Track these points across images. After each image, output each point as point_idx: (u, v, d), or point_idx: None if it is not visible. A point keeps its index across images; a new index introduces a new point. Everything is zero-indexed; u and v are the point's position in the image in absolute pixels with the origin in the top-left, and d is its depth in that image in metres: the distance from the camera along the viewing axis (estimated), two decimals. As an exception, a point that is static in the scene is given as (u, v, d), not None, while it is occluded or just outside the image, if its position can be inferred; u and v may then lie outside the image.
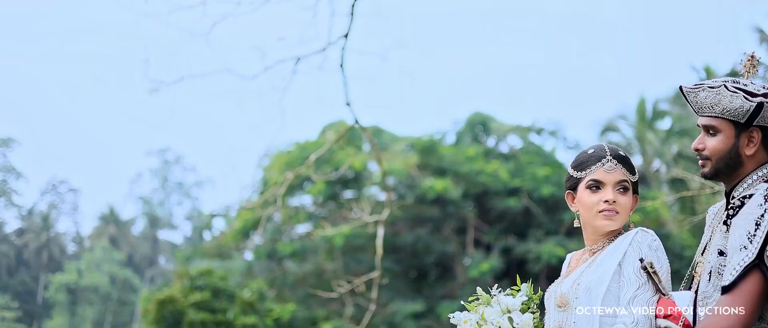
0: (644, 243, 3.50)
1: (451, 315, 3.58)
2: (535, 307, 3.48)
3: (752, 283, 3.06)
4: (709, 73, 35.58)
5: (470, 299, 3.59)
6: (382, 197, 25.50)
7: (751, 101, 3.21)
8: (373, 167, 24.97)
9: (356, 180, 24.39)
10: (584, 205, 3.56)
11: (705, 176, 3.39)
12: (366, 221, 11.49)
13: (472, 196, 24.61)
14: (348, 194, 25.59)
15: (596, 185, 3.57)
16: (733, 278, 3.08)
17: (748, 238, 3.09)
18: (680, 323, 3.27)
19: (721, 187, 5.63)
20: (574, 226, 3.66)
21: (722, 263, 3.19)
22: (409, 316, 22.60)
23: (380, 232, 9.96)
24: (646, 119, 35.81)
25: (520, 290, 3.56)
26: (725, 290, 3.10)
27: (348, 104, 8.18)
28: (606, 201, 3.51)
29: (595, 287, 3.45)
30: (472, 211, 24.65)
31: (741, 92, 3.24)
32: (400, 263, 23.58)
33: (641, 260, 3.37)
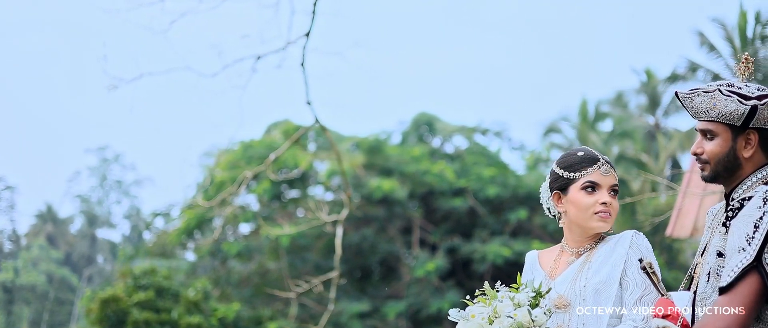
0: (643, 246, 3.58)
1: (452, 311, 3.55)
2: (542, 303, 3.48)
3: (750, 284, 3.10)
4: (650, 76, 36.07)
5: (476, 293, 3.56)
6: (328, 196, 25.45)
7: (745, 104, 3.25)
8: (319, 167, 24.90)
9: (301, 180, 24.28)
10: (579, 206, 3.61)
11: (705, 179, 3.43)
12: (325, 221, 11.46)
13: (417, 196, 24.64)
14: (292, 193, 25.48)
15: (592, 187, 3.61)
16: (731, 279, 3.11)
17: (747, 240, 3.12)
18: (678, 323, 3.30)
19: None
20: (560, 226, 3.71)
21: (721, 264, 3.24)
22: (355, 316, 22.57)
23: (339, 231, 9.94)
24: (588, 121, 36.20)
25: (524, 286, 3.54)
26: (723, 290, 3.13)
27: (309, 103, 8.14)
28: (603, 203, 3.57)
29: (604, 289, 3.52)
30: (417, 211, 24.67)
31: (735, 96, 3.27)
32: (346, 263, 23.54)
33: (640, 261, 3.41)
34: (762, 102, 3.24)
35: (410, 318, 23.32)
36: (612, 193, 3.66)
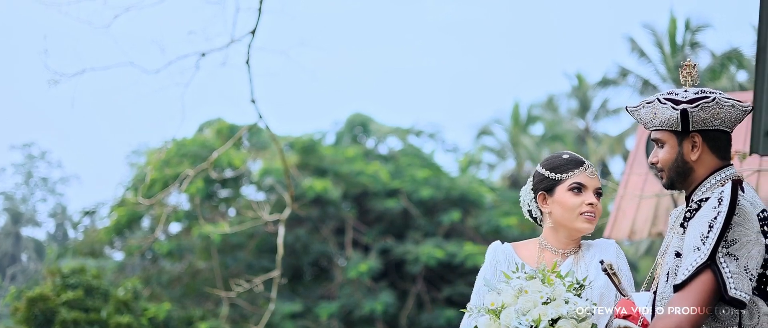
0: (621, 252, 3.75)
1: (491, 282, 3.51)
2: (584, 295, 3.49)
3: (703, 282, 3.15)
4: (581, 81, 36.49)
5: (516, 273, 3.50)
6: (260, 196, 25.29)
7: (676, 110, 3.32)
8: (252, 166, 24.73)
9: (234, 179, 24.11)
10: (565, 206, 3.68)
11: (665, 187, 3.58)
12: (266, 220, 11.39)
13: (351, 197, 24.60)
14: (224, 192, 25.28)
15: (579, 188, 3.68)
16: (685, 277, 3.17)
17: (701, 239, 3.19)
18: (639, 323, 3.34)
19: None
20: (548, 226, 3.73)
21: (678, 264, 3.30)
22: (287, 316, 22.45)
23: (281, 231, 9.88)
24: (520, 124, 36.54)
25: (562, 277, 3.50)
26: (677, 288, 3.20)
27: (253, 101, 8.06)
28: (590, 204, 3.62)
29: (607, 293, 3.61)
30: (351, 212, 24.63)
31: (669, 103, 3.37)
32: (277, 263, 23.42)
33: (602, 262, 3.45)
34: (694, 105, 3.31)
35: (343, 319, 23.28)
36: (596, 195, 3.74)
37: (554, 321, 3.33)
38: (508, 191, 29.07)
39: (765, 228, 3.25)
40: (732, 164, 3.46)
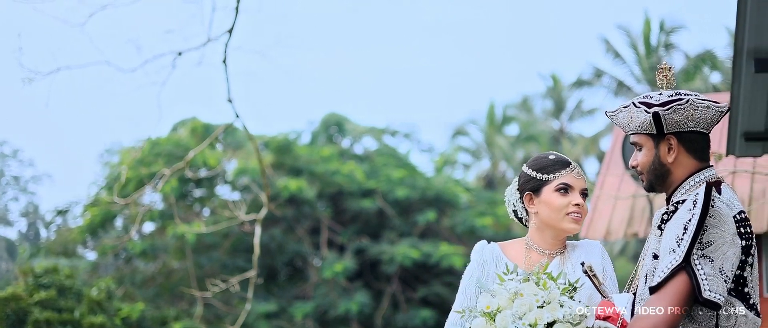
0: (607, 256, 3.77)
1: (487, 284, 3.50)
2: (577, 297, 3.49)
3: (677, 284, 3.16)
4: (556, 81, 36.64)
5: (509, 274, 3.49)
6: (235, 196, 25.19)
7: (649, 113, 3.34)
8: (227, 166, 24.63)
9: (209, 179, 24.01)
10: (552, 206, 3.69)
11: (646, 190, 3.59)
12: (243, 220, 11.35)
13: (326, 196, 24.56)
14: (198, 192, 25.17)
15: (565, 189, 3.70)
16: (660, 279, 3.19)
17: (677, 241, 3.20)
18: (618, 324, 3.35)
19: None
20: (534, 226, 3.74)
21: (656, 266, 3.29)
22: (262, 316, 22.38)
23: (258, 230, 9.84)
24: (495, 124, 36.62)
25: (555, 279, 3.49)
26: (652, 290, 3.22)
27: (230, 101, 8.01)
28: (576, 205, 3.64)
29: (595, 294, 3.57)
30: (326, 211, 24.58)
31: (643, 106, 3.39)
32: (253, 263, 23.36)
33: (582, 264, 3.45)
34: (666, 108, 3.33)
35: (318, 319, 23.24)
36: (583, 196, 3.76)
37: (550, 325, 3.33)
38: (484, 191, 29.12)
39: (741, 230, 3.26)
40: (712, 166, 3.47)
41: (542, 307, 3.35)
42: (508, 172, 36.97)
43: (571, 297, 3.42)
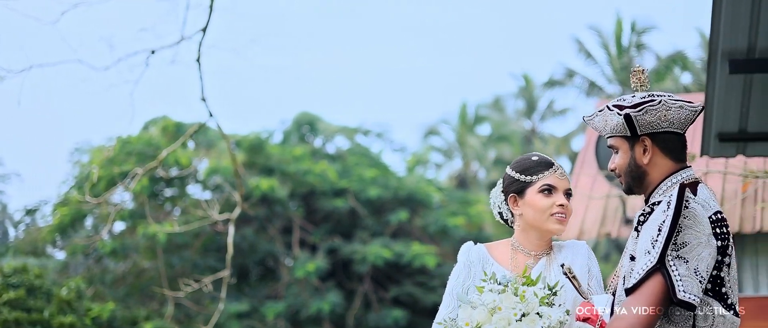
0: (593, 256, 3.79)
1: (464, 296, 3.48)
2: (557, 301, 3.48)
3: (652, 285, 3.18)
4: (528, 81, 36.76)
5: (489, 282, 3.48)
6: (206, 195, 25.06)
7: (621, 115, 3.37)
8: (198, 165, 24.51)
9: (180, 178, 23.88)
10: (536, 208, 3.71)
11: (625, 192, 3.61)
12: (216, 219, 11.31)
13: (298, 196, 24.50)
14: (169, 191, 25.05)
15: (549, 190, 3.71)
16: (635, 281, 3.21)
17: (652, 243, 3.21)
18: (597, 325, 3.36)
19: None
20: (519, 228, 3.74)
21: (633, 267, 3.31)
22: (234, 316, 22.29)
23: (231, 230, 9.80)
24: (467, 124, 36.71)
25: (535, 282, 3.48)
26: (628, 292, 3.24)
27: (203, 99, 7.96)
28: (560, 205, 3.65)
29: (579, 297, 3.57)
30: (298, 211, 24.52)
31: (616, 109, 3.42)
32: (224, 262, 23.24)
33: (563, 265, 3.46)
34: (638, 109, 3.35)
35: (289, 319, 23.17)
36: (566, 196, 3.78)
37: None
38: (456, 190, 29.16)
39: (717, 230, 3.28)
40: (689, 166, 3.48)
41: (521, 320, 3.35)
42: (480, 172, 37.07)
43: (551, 304, 3.42)
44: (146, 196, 22.86)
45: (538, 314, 3.36)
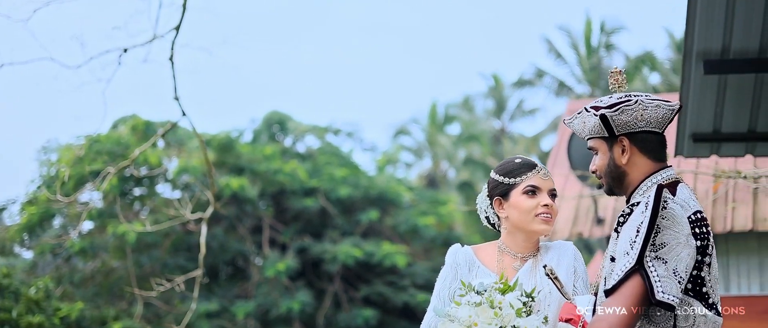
0: (579, 258, 3.82)
1: (442, 310, 3.48)
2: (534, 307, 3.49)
3: (631, 286, 3.19)
4: (497, 81, 36.86)
5: (466, 290, 3.48)
6: (175, 195, 24.93)
7: (597, 116, 3.39)
8: (168, 164, 24.37)
9: (149, 177, 23.74)
10: (521, 209, 3.72)
11: (606, 194, 3.62)
12: (189, 219, 11.26)
13: (268, 195, 24.42)
14: (137, 191, 24.88)
15: (533, 191, 3.72)
16: (614, 282, 3.22)
17: (630, 244, 3.23)
18: (579, 326, 3.37)
19: None
20: (506, 231, 3.75)
21: (613, 269, 3.31)
22: (203, 315, 22.19)
23: (204, 229, 9.76)
24: (437, 123, 36.75)
25: (512, 288, 3.48)
26: (607, 293, 3.25)
27: (176, 98, 7.92)
28: (545, 205, 3.66)
29: (563, 297, 3.59)
30: (268, 210, 24.44)
31: (592, 110, 3.45)
32: (194, 262, 23.14)
33: (545, 267, 3.47)
34: (614, 109, 3.38)
35: (259, 318, 23.09)
36: (551, 196, 3.80)
37: None
38: (426, 190, 29.17)
39: (696, 230, 3.29)
40: (670, 166, 3.48)
41: None
42: (450, 171, 37.14)
43: (529, 312, 3.44)
44: (116, 195, 22.71)
45: (514, 326, 3.38)
